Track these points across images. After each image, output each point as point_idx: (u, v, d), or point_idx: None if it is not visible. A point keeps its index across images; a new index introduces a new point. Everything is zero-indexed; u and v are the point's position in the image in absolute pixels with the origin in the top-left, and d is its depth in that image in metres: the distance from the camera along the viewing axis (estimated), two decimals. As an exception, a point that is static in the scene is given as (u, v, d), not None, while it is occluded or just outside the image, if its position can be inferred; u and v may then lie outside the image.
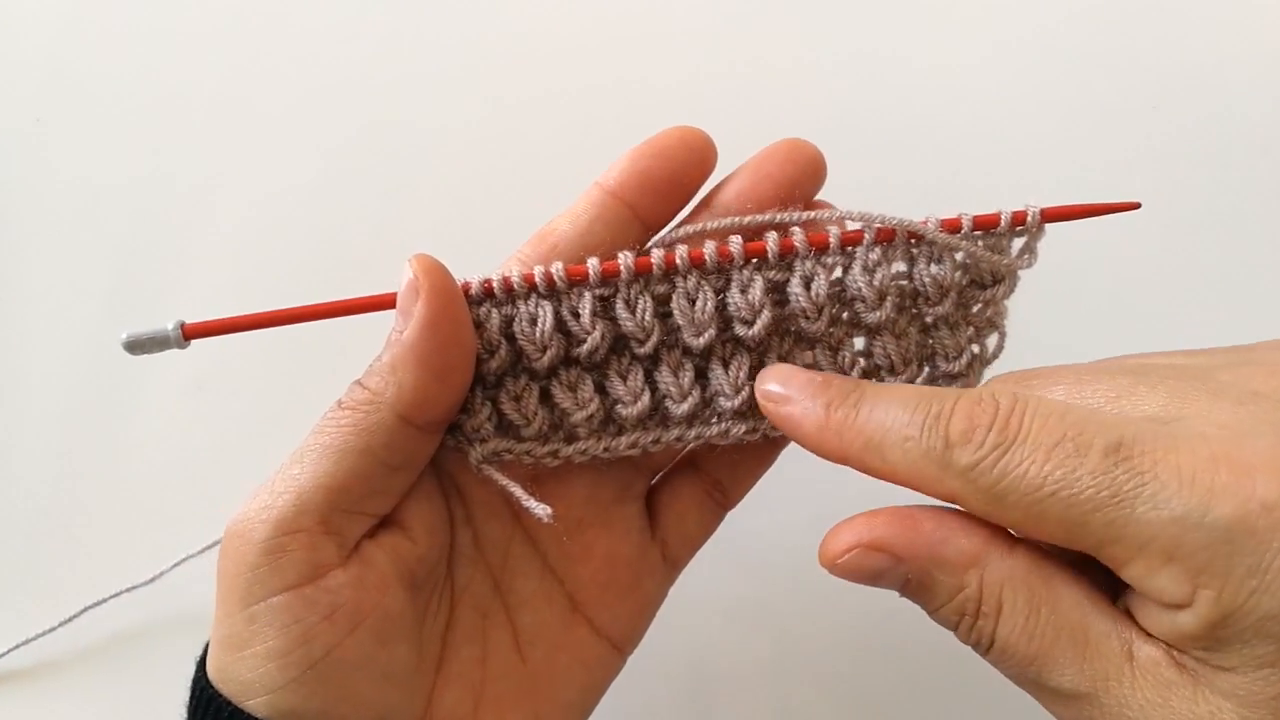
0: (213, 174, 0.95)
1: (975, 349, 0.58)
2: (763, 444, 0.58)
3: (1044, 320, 0.81)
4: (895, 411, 0.48)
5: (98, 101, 0.97)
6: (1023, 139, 0.91)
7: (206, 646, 0.52)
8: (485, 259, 0.58)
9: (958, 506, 0.47)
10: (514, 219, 0.59)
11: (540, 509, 0.52)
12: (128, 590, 0.80)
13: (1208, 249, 0.87)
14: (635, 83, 0.93)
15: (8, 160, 0.95)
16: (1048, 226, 0.55)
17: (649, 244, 0.58)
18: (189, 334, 0.52)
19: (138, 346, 0.52)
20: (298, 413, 0.54)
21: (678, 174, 0.56)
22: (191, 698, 0.51)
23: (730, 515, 0.84)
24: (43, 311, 0.91)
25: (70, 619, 0.81)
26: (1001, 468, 0.44)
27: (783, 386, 0.52)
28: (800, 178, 0.56)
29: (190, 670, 0.53)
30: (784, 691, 0.81)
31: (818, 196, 0.59)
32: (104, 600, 0.81)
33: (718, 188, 0.58)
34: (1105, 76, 0.92)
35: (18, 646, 0.81)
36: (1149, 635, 0.44)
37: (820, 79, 0.94)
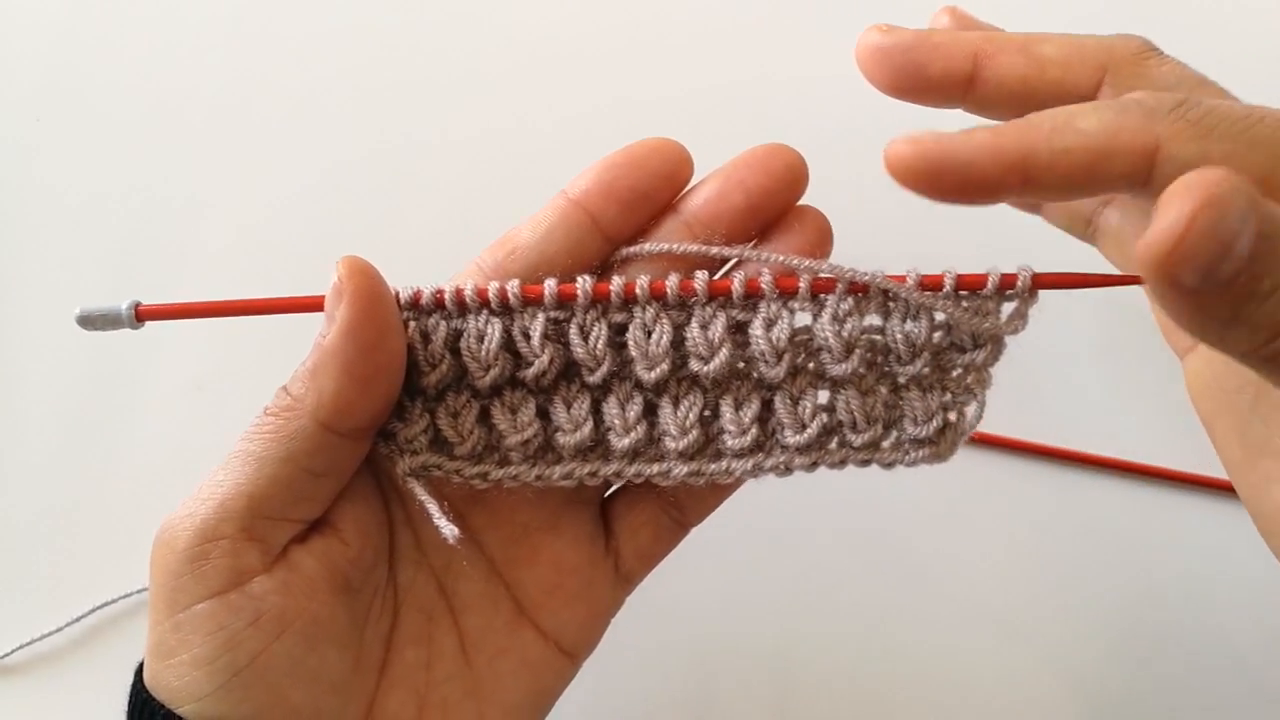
0: (213, 173, 0.95)
1: (952, 415, 0.54)
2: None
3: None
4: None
5: (97, 101, 0.98)
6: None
7: None
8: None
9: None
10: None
11: (448, 529, 0.51)
12: (138, 592, 0.81)
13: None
14: (636, 91, 0.92)
15: (8, 160, 0.96)
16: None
17: (614, 256, 0.56)
18: (142, 315, 0.52)
19: (89, 322, 0.52)
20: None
21: (645, 186, 0.54)
22: (129, 702, 0.51)
23: (732, 514, 0.82)
24: (43, 311, 0.91)
25: (78, 619, 0.82)
26: (1207, 105, 0.44)
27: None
28: (775, 187, 0.54)
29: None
30: (784, 691, 0.80)
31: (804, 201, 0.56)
32: (113, 600, 0.82)
33: (688, 193, 0.55)
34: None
35: (22, 646, 0.82)
36: None
37: (821, 86, 0.90)
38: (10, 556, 0.85)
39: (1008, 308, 0.51)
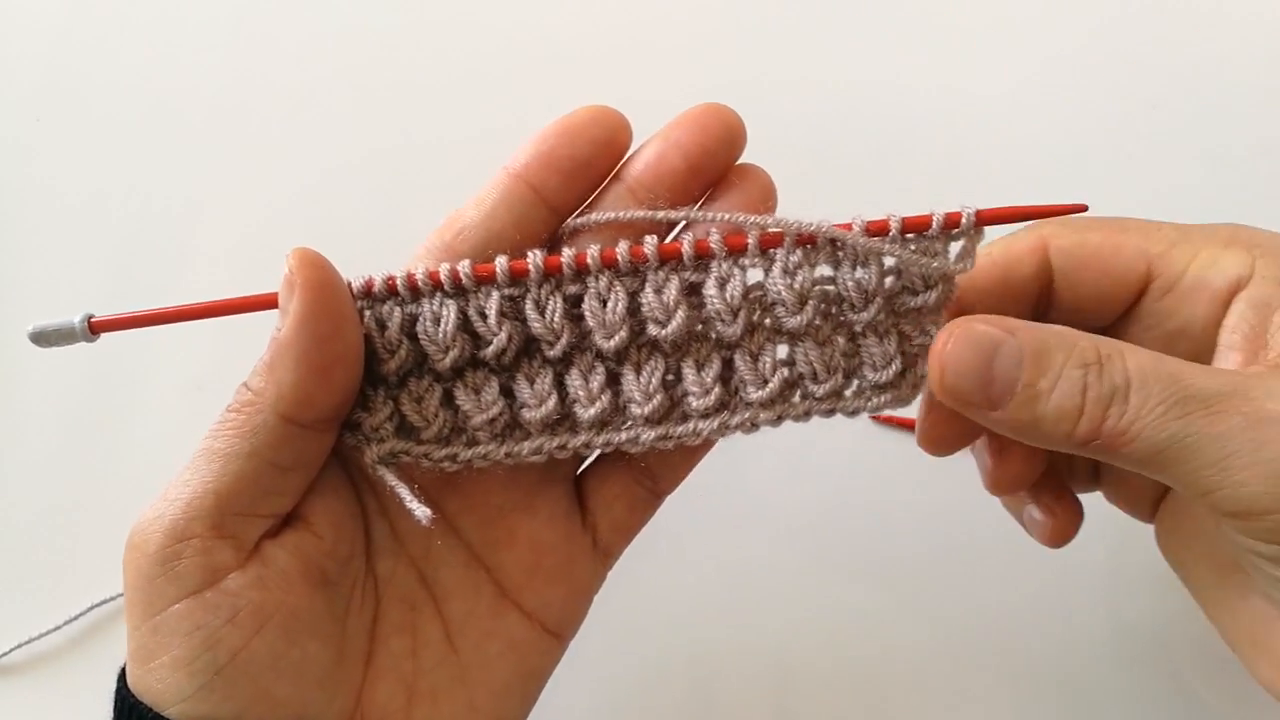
0: (212, 174, 0.94)
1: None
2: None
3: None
4: None
5: (97, 101, 0.97)
6: (1021, 138, 0.89)
7: None
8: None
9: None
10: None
11: (420, 511, 0.51)
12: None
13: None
14: (636, 91, 0.89)
15: (8, 160, 0.96)
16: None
17: (562, 229, 0.56)
18: (96, 328, 0.52)
19: (44, 339, 0.52)
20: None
21: (584, 155, 0.53)
22: (114, 708, 0.51)
23: (732, 513, 0.82)
24: (43, 311, 0.85)
25: (75, 618, 0.82)
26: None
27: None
28: (713, 146, 0.53)
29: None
30: (784, 691, 0.80)
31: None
32: (111, 599, 0.82)
33: (629, 159, 0.55)
34: (1105, 76, 0.89)
35: (20, 645, 0.83)
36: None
37: (821, 88, 0.92)
38: (10, 556, 0.86)
39: (956, 248, 0.52)
